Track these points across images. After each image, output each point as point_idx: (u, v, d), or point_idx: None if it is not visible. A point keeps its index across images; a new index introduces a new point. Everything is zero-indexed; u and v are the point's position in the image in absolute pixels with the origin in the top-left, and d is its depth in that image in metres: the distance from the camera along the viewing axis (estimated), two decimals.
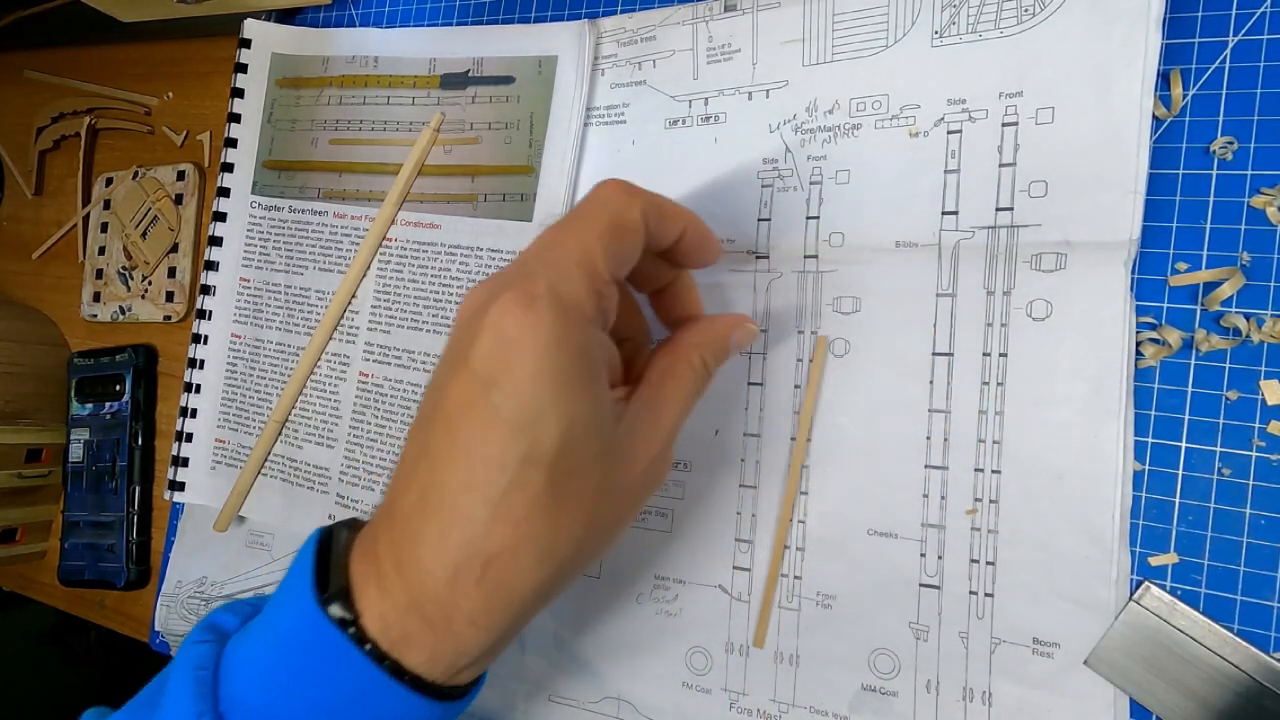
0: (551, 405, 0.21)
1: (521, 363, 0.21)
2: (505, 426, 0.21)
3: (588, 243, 0.23)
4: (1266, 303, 0.27)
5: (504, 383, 0.21)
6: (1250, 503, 0.27)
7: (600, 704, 0.34)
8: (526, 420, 0.21)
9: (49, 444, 0.49)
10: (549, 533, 0.22)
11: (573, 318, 0.22)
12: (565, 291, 0.22)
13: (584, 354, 0.22)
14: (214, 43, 0.48)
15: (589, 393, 0.23)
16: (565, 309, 0.22)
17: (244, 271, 0.43)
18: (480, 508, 0.22)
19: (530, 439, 0.21)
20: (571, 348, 0.22)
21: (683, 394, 0.26)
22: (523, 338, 0.21)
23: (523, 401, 0.21)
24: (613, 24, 0.37)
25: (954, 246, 0.30)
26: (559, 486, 0.22)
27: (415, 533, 0.22)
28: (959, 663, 0.29)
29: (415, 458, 0.23)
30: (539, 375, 0.21)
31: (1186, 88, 0.29)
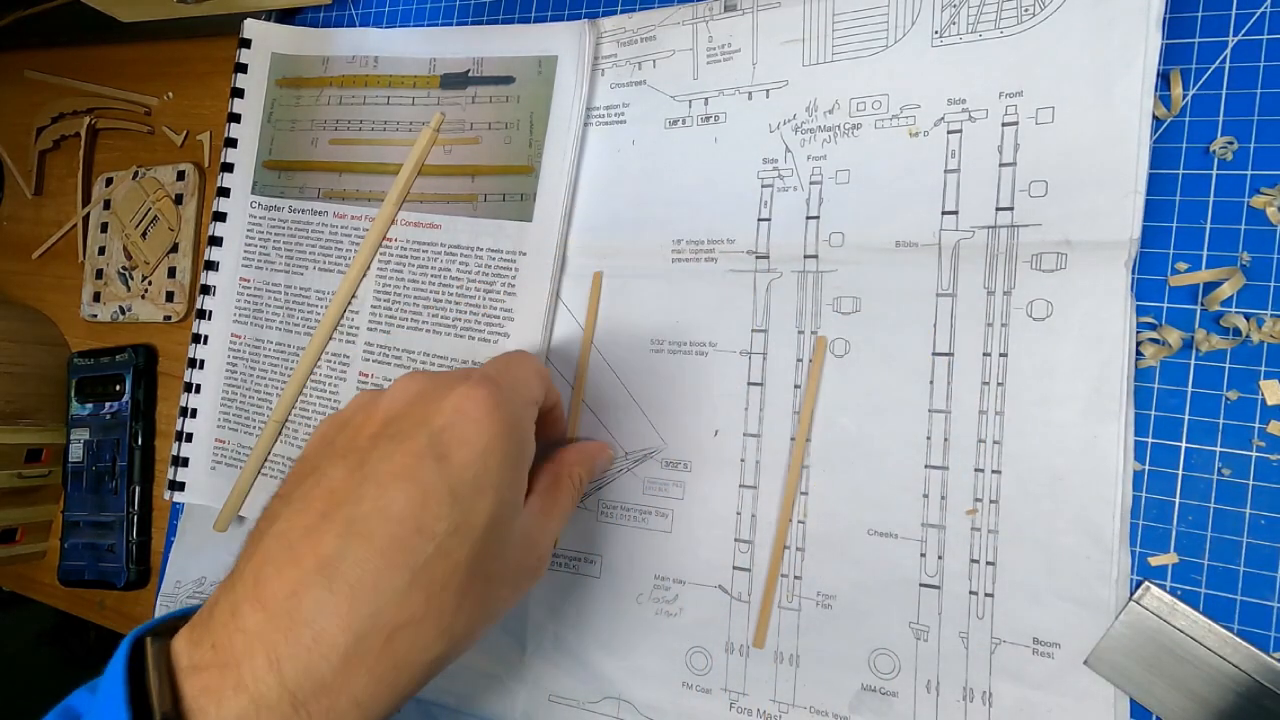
0: (492, 481, 0.23)
1: (480, 438, 0.23)
2: (446, 496, 0.22)
3: (525, 373, 0.28)
4: (1266, 303, 0.27)
5: (457, 455, 0.23)
6: (1250, 503, 0.27)
7: (600, 704, 0.34)
8: (466, 492, 0.23)
9: (49, 444, 0.49)
10: (454, 608, 0.23)
11: (520, 415, 0.25)
12: (525, 394, 0.27)
13: (522, 446, 0.25)
14: (214, 43, 0.48)
15: (518, 479, 0.25)
16: (522, 404, 0.26)
17: (244, 271, 0.43)
18: (400, 576, 0.21)
19: (464, 510, 0.23)
20: (517, 438, 0.25)
21: (566, 503, 0.29)
22: (487, 415, 0.24)
23: (468, 475, 0.23)
24: (613, 24, 0.37)
25: (954, 246, 0.30)
26: (475, 563, 0.23)
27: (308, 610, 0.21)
28: (959, 663, 0.29)
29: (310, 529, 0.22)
30: (490, 453, 0.23)
31: (1186, 88, 0.29)
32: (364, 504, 0.22)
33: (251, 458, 0.41)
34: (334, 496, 0.23)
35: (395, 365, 0.39)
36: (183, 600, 0.43)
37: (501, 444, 0.24)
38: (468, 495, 0.23)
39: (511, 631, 0.36)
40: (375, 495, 0.22)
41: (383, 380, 0.39)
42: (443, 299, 0.38)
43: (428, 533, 0.22)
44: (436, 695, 0.37)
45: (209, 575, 0.43)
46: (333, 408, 0.40)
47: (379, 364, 0.39)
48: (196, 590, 0.43)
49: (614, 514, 0.35)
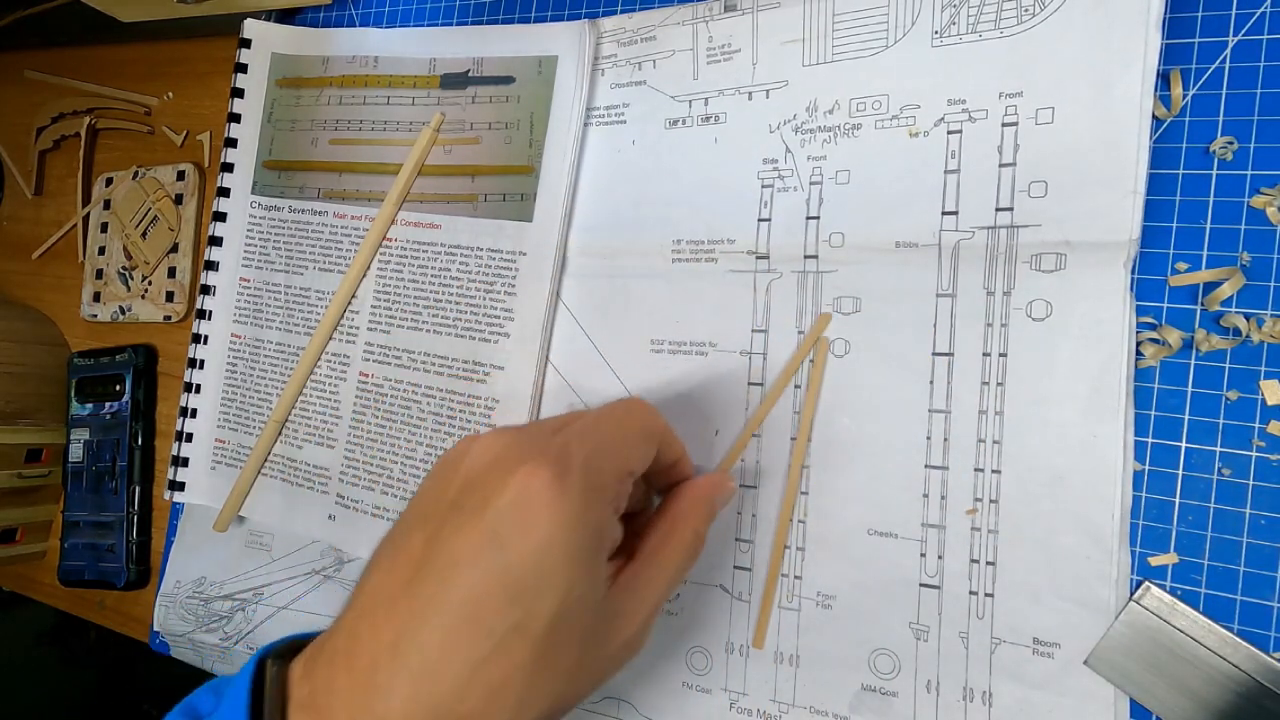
0: (554, 580, 0.22)
1: (538, 530, 0.22)
2: (505, 591, 0.21)
3: (625, 436, 0.25)
4: (1266, 303, 0.27)
5: (516, 545, 0.22)
6: (1250, 503, 0.27)
7: (600, 704, 0.34)
8: (527, 589, 0.22)
9: (49, 444, 0.49)
10: (520, 703, 0.22)
11: (595, 499, 0.23)
12: (596, 473, 0.23)
13: (596, 535, 0.23)
14: (214, 43, 0.48)
15: (590, 572, 0.23)
16: (592, 489, 0.23)
17: (244, 271, 0.43)
18: (460, 668, 0.21)
19: (525, 609, 0.22)
20: (587, 528, 0.23)
21: (672, 569, 0.26)
22: (547, 507, 0.22)
23: (528, 569, 0.22)
24: (613, 24, 0.37)
25: (954, 247, 0.30)
26: (541, 658, 0.22)
27: (383, 685, 0.21)
28: (959, 663, 0.29)
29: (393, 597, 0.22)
30: (551, 547, 0.22)
31: (1186, 88, 0.29)
32: (430, 583, 0.22)
33: (251, 458, 0.41)
34: (413, 564, 0.22)
35: (395, 365, 0.39)
36: (182, 600, 0.44)
37: (565, 535, 0.22)
38: (528, 593, 0.22)
39: None
40: (440, 577, 0.22)
41: (383, 380, 0.39)
42: (443, 299, 0.38)
43: (485, 628, 0.21)
44: None
45: (209, 575, 0.43)
46: (333, 408, 0.40)
47: (379, 364, 0.39)
48: (196, 590, 0.43)
49: None
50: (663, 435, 0.27)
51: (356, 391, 0.40)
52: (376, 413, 0.39)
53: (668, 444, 0.27)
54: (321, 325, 0.40)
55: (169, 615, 0.44)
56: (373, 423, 0.39)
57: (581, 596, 0.23)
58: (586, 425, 0.25)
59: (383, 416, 0.39)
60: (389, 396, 0.39)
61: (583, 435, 0.24)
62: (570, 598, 0.22)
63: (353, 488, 0.39)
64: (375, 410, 0.39)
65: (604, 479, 0.24)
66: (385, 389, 0.39)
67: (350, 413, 0.40)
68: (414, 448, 0.38)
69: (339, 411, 0.40)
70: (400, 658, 0.21)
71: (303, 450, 0.41)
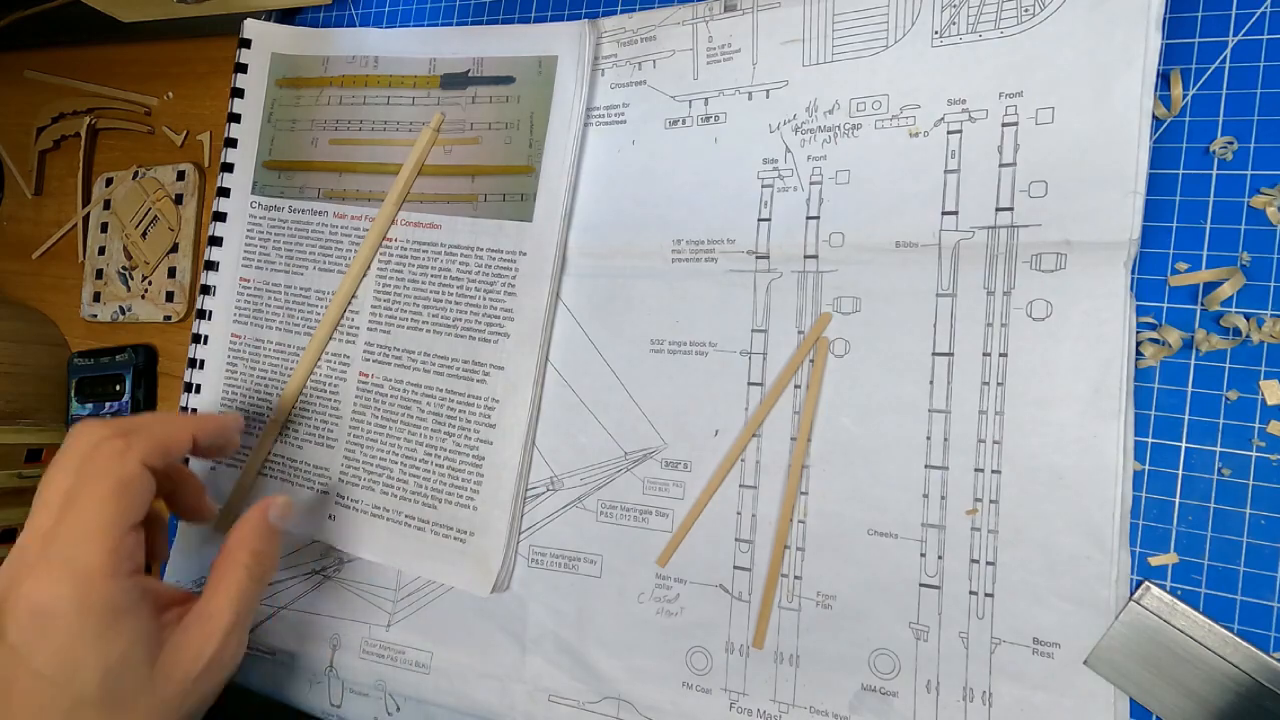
0: (87, 654, 0.26)
1: (54, 628, 0.26)
2: (49, 685, 0.26)
3: (96, 509, 0.27)
4: (1266, 303, 0.27)
5: (41, 648, 0.26)
6: (1250, 503, 0.27)
7: (600, 704, 0.34)
8: (65, 671, 0.26)
9: (49, 444, 0.49)
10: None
11: (90, 580, 0.26)
12: (80, 561, 0.26)
13: (109, 605, 0.26)
14: (214, 43, 0.48)
15: (122, 634, 0.27)
16: (79, 575, 0.26)
17: (244, 271, 0.43)
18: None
19: (74, 688, 0.26)
20: (97, 605, 0.26)
21: (235, 594, 0.30)
22: (49, 607, 0.26)
23: (59, 658, 0.26)
24: (613, 24, 0.37)
25: (954, 246, 0.30)
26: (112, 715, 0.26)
27: None
28: (959, 663, 0.29)
29: None
30: (71, 635, 0.26)
31: (1186, 88, 0.29)
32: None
33: (252, 457, 0.41)
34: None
35: (395, 365, 0.39)
36: None
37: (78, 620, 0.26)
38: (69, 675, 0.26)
39: (512, 631, 0.36)
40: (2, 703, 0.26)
41: (383, 380, 0.39)
42: (443, 299, 0.38)
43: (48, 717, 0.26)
44: (434, 696, 0.37)
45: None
46: (333, 408, 0.40)
47: (379, 364, 0.39)
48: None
49: (614, 514, 0.35)
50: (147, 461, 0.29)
51: (356, 391, 0.40)
52: (376, 413, 0.39)
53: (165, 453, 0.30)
54: (321, 325, 0.40)
55: None
56: (373, 423, 0.39)
57: (124, 654, 0.27)
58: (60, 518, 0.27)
59: (383, 416, 0.39)
60: (389, 396, 0.39)
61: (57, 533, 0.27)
62: (112, 661, 0.26)
63: (353, 488, 0.39)
64: (375, 410, 0.39)
65: (94, 561, 0.27)
66: (385, 389, 0.39)
67: (350, 413, 0.40)
68: (414, 448, 0.38)
69: (339, 411, 0.40)
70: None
71: (303, 450, 0.41)
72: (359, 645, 0.39)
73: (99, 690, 0.26)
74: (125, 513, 0.28)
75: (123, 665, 0.27)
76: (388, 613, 0.39)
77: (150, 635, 0.28)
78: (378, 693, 0.39)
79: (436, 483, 0.37)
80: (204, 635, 0.29)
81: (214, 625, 0.29)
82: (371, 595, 0.39)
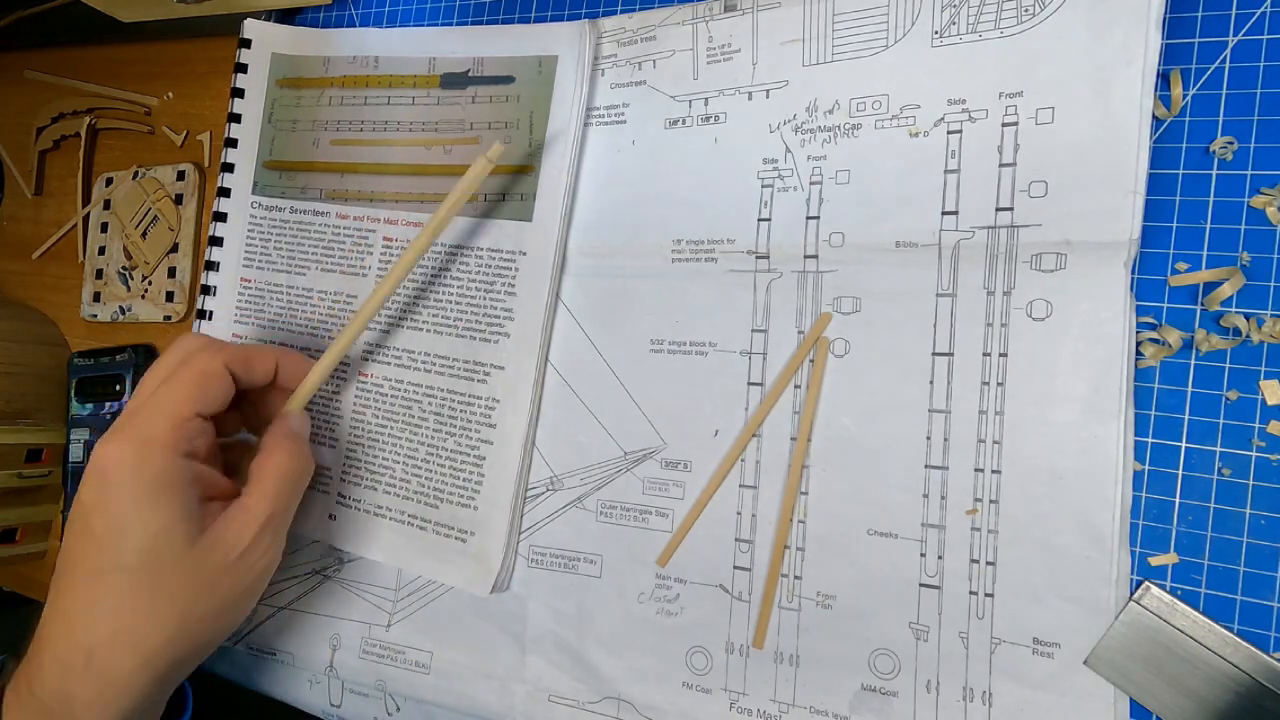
0: (133, 520, 0.28)
1: (110, 488, 0.28)
2: (95, 541, 0.28)
3: (174, 390, 0.30)
4: (1266, 303, 0.27)
5: (98, 506, 0.28)
6: (1250, 503, 0.27)
7: (600, 704, 0.34)
8: (112, 533, 0.28)
9: (49, 444, 0.49)
10: (140, 625, 0.28)
11: (151, 448, 0.29)
12: (146, 430, 0.29)
13: (163, 475, 0.28)
14: (214, 43, 0.48)
15: (169, 505, 0.28)
16: (143, 443, 0.29)
17: (245, 272, 0.43)
18: (80, 609, 0.28)
19: (115, 548, 0.28)
20: (150, 472, 0.28)
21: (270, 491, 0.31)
22: (110, 469, 0.28)
23: (109, 519, 0.28)
24: (613, 24, 0.37)
25: (954, 246, 0.30)
26: (143, 585, 0.28)
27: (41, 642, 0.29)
28: (959, 663, 0.29)
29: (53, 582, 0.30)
30: (122, 497, 0.28)
31: (1186, 88, 0.29)
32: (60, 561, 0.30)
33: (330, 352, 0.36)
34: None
35: (395, 365, 0.39)
36: None
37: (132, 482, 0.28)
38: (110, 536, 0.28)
39: (511, 631, 0.36)
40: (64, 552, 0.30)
41: (382, 380, 0.39)
42: (443, 299, 0.38)
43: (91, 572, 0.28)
44: (434, 696, 0.37)
45: None
46: (333, 408, 0.40)
47: (379, 364, 0.39)
48: None
49: (614, 514, 0.35)
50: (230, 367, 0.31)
51: (356, 391, 0.40)
52: (377, 413, 0.39)
53: (248, 367, 0.32)
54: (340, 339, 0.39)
55: None
56: (373, 422, 0.39)
57: (167, 525, 0.28)
58: (144, 393, 0.31)
59: (383, 416, 0.39)
60: (389, 396, 0.39)
61: (135, 406, 0.30)
62: (156, 530, 0.28)
63: (353, 487, 0.39)
64: (375, 410, 0.39)
65: (156, 432, 0.29)
66: (385, 389, 0.39)
67: (350, 412, 0.40)
68: (415, 448, 0.38)
69: (339, 411, 0.40)
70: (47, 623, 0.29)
71: None
72: (359, 645, 0.39)
73: (137, 558, 0.28)
74: (197, 399, 0.30)
75: (163, 537, 0.28)
76: (388, 613, 0.39)
77: (193, 515, 0.29)
78: (378, 693, 0.39)
79: (438, 482, 0.37)
80: (240, 526, 0.30)
81: (250, 518, 0.30)
82: (371, 595, 0.39)
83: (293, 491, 0.33)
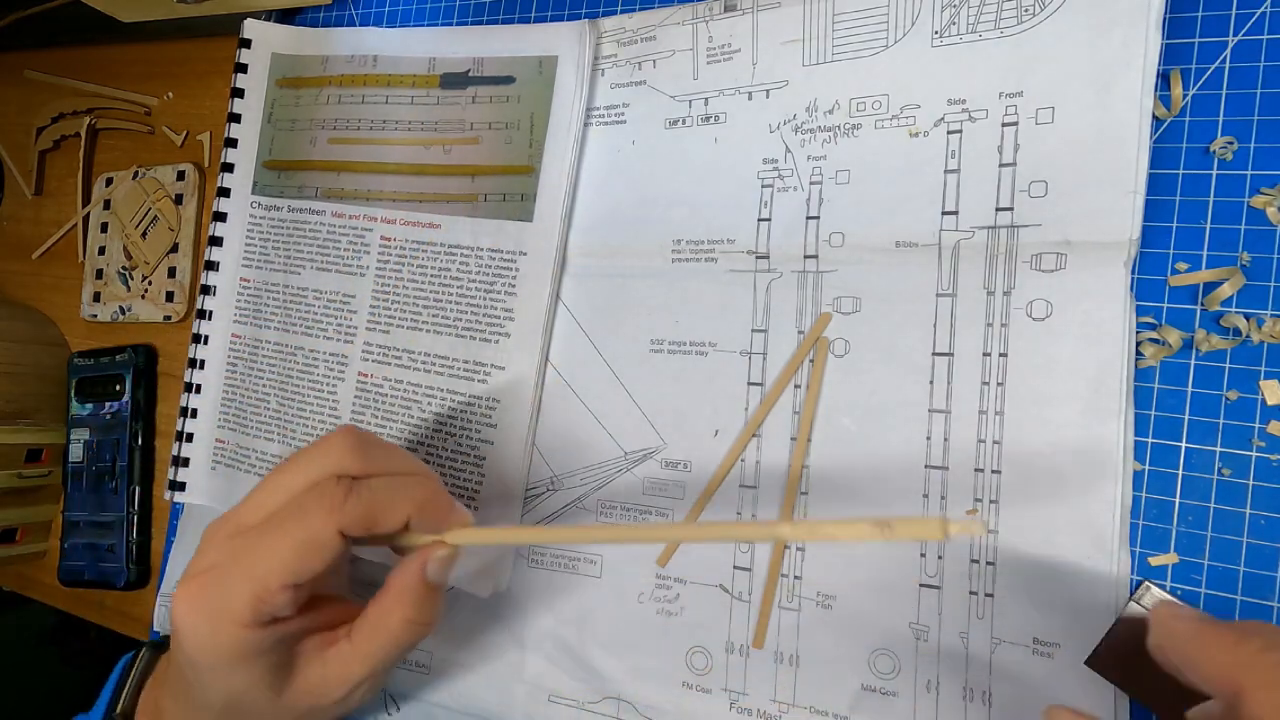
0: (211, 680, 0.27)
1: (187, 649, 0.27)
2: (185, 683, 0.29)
3: (267, 556, 0.26)
4: (1266, 303, 0.27)
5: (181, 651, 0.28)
6: (1250, 503, 0.27)
7: (600, 704, 0.34)
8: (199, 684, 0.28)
9: (49, 444, 0.49)
10: None
11: (224, 622, 0.26)
12: (223, 600, 0.26)
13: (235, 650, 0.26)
14: (214, 43, 0.48)
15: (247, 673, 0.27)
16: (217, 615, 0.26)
17: (244, 271, 0.43)
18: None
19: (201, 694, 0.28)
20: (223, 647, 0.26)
21: (374, 652, 0.28)
22: (185, 634, 0.27)
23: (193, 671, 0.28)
24: (613, 24, 0.37)
25: (954, 246, 0.30)
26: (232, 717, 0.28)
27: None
28: (959, 663, 0.29)
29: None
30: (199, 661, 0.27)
31: (1186, 88, 0.29)
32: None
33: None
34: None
35: (395, 365, 0.39)
36: None
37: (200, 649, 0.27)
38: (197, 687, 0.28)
39: (511, 631, 0.36)
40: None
41: (382, 380, 0.39)
42: (443, 299, 0.38)
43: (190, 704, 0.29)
44: (437, 695, 0.37)
45: None
46: (331, 408, 0.40)
47: (379, 364, 0.39)
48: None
49: (614, 514, 0.35)
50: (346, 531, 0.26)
51: (356, 391, 0.40)
52: (376, 413, 0.39)
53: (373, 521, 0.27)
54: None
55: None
56: (372, 423, 0.39)
57: (247, 689, 0.27)
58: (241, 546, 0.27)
59: (382, 417, 0.39)
60: (389, 396, 0.39)
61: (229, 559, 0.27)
62: (233, 692, 0.27)
63: None
64: (375, 410, 0.39)
65: (233, 602, 0.26)
66: (385, 389, 0.39)
67: (350, 413, 0.40)
68: (414, 448, 0.38)
69: (338, 411, 0.40)
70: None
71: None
72: None
73: (222, 709, 0.28)
74: (291, 571, 0.26)
75: (245, 695, 0.27)
76: None
77: (279, 670, 0.28)
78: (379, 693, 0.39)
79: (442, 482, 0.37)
80: (336, 679, 0.28)
81: (347, 673, 0.28)
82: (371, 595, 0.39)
83: (402, 651, 0.29)
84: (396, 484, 0.27)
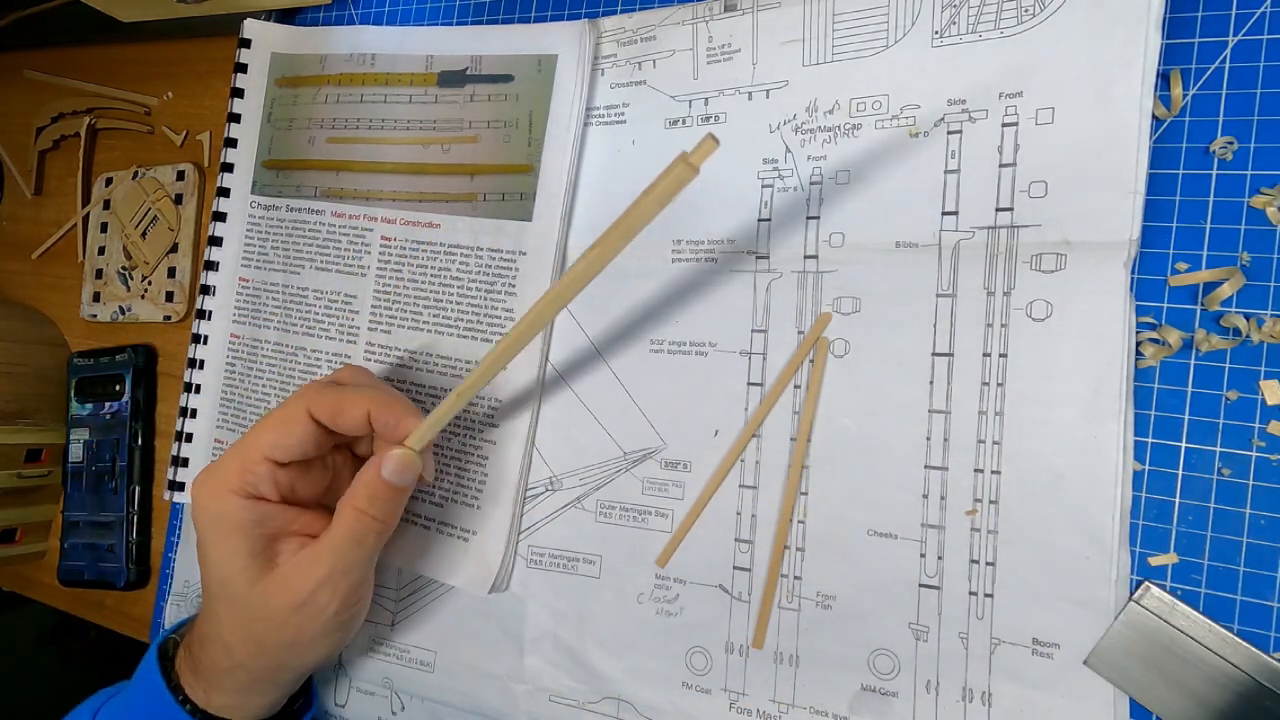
0: (206, 553, 0.31)
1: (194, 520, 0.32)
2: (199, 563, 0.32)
3: (255, 432, 0.31)
4: (1266, 303, 0.27)
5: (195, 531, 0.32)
6: (1250, 503, 0.27)
7: (600, 704, 0.34)
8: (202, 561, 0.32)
9: (49, 444, 0.49)
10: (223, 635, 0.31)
11: (218, 489, 0.31)
12: (220, 470, 0.31)
13: (219, 516, 0.31)
14: (214, 43, 0.48)
15: (230, 544, 0.30)
16: (214, 482, 0.31)
17: (243, 271, 0.43)
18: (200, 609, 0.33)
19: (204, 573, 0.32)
20: (216, 510, 0.31)
21: (333, 548, 0.30)
22: (192, 501, 0.31)
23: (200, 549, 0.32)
24: (613, 24, 0.37)
25: (954, 247, 0.30)
26: (225, 610, 0.31)
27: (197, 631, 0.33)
28: (959, 663, 0.29)
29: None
30: (200, 530, 0.31)
31: (1186, 88, 0.29)
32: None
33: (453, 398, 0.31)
34: None
35: (397, 365, 0.39)
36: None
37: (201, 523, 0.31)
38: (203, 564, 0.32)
39: (511, 632, 0.36)
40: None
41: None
42: (443, 299, 0.38)
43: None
44: (438, 694, 0.37)
45: None
46: None
47: (379, 364, 0.39)
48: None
49: (614, 514, 0.35)
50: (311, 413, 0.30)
51: None
52: None
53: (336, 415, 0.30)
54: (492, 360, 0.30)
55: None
56: None
57: (228, 565, 0.30)
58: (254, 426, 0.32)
59: None
60: None
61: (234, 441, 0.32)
62: (219, 568, 0.31)
63: None
64: None
65: (225, 471, 0.31)
66: None
67: None
68: None
69: None
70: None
71: None
72: (366, 643, 0.39)
73: (215, 586, 0.31)
74: (270, 445, 0.30)
75: (227, 573, 0.31)
76: (390, 612, 0.39)
77: (256, 555, 0.31)
78: (384, 690, 0.39)
79: (446, 481, 0.37)
80: (304, 574, 0.30)
81: (311, 568, 0.30)
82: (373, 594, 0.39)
83: (362, 543, 0.31)
84: (364, 388, 0.31)
